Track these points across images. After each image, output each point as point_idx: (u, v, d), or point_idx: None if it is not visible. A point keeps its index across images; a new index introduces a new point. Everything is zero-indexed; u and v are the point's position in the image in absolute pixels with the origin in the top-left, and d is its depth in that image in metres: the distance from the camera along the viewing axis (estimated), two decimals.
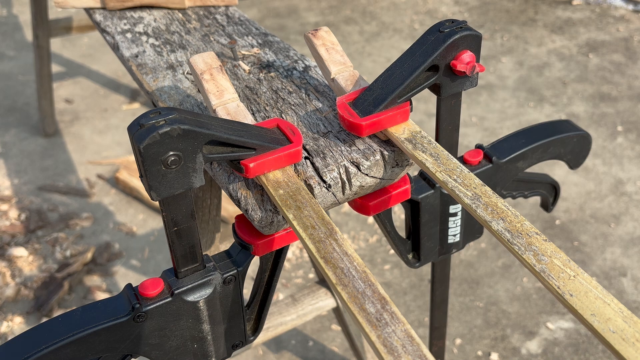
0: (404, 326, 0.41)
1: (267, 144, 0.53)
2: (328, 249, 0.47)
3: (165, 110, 0.47)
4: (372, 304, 0.43)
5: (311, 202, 0.51)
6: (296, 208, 0.51)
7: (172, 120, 0.46)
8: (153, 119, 0.46)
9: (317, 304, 1.10)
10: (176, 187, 0.49)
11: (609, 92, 2.32)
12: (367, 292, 0.43)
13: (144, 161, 0.46)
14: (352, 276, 0.45)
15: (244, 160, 0.52)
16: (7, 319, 1.50)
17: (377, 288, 0.44)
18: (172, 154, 0.46)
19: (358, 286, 0.44)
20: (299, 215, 0.50)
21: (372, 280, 0.44)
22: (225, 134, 0.49)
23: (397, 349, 0.40)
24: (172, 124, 0.46)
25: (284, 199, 0.51)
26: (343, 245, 0.47)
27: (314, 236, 0.48)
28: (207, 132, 0.48)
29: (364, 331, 0.41)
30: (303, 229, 0.49)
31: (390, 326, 0.41)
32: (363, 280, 0.44)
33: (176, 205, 0.50)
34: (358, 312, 0.42)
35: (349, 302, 0.43)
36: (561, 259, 0.43)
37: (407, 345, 0.40)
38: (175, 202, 0.50)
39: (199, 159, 0.48)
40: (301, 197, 0.52)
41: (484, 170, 0.73)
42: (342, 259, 0.46)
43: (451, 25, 0.58)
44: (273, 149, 0.53)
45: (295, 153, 0.54)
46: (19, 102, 2.41)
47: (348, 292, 0.44)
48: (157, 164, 0.46)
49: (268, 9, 3.11)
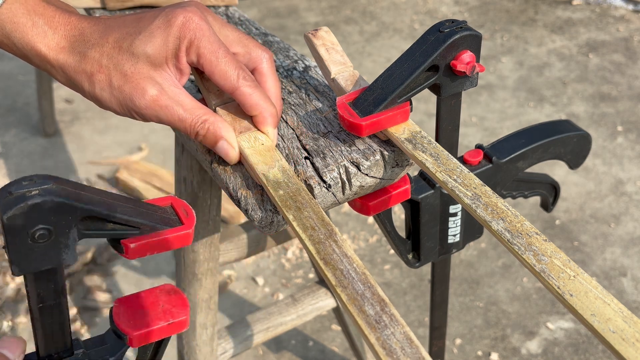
0: (403, 328, 0.41)
1: (154, 223, 0.47)
2: (328, 251, 0.47)
3: (41, 178, 0.42)
4: (371, 306, 0.43)
5: (311, 203, 0.51)
6: (296, 209, 0.50)
7: (46, 190, 0.41)
8: (25, 187, 0.41)
9: (317, 304, 1.10)
10: (43, 263, 0.43)
11: (609, 92, 2.32)
12: (367, 294, 0.43)
13: (7, 232, 0.40)
14: (352, 278, 0.45)
15: (125, 240, 0.47)
16: (7, 319, 1.50)
17: (376, 290, 0.44)
18: (42, 227, 0.41)
19: (358, 288, 0.44)
20: (299, 216, 0.50)
21: (371, 282, 0.44)
22: (106, 210, 0.44)
23: (396, 351, 0.40)
24: (44, 195, 0.40)
25: (284, 199, 0.51)
26: (343, 247, 0.47)
27: (313, 237, 0.48)
28: (85, 207, 0.42)
29: (363, 333, 0.41)
30: (303, 229, 0.49)
31: (390, 328, 0.41)
32: (362, 282, 0.44)
33: (43, 282, 0.44)
34: (357, 314, 0.42)
35: (349, 304, 0.43)
36: (561, 259, 0.43)
37: (406, 347, 0.40)
38: (43, 277, 0.44)
39: (73, 234, 0.43)
40: (301, 198, 0.51)
41: (484, 170, 0.73)
42: (342, 260, 0.46)
43: (451, 25, 0.57)
44: (159, 229, 0.47)
45: (185, 236, 0.48)
46: (19, 102, 2.41)
47: (347, 294, 0.44)
48: (22, 237, 0.41)
49: (268, 9, 3.11)
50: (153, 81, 0.52)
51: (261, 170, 0.53)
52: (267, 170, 0.53)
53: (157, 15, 0.53)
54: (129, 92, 0.52)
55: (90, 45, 0.52)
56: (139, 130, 2.22)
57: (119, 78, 0.52)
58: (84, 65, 0.52)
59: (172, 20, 0.52)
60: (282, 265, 1.65)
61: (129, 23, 0.53)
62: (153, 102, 0.52)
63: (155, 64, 0.52)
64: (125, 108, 0.53)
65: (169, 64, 0.53)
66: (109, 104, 0.53)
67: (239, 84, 0.53)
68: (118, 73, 0.52)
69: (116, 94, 0.52)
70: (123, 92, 0.52)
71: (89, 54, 0.52)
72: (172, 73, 0.53)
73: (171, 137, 2.16)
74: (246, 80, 0.54)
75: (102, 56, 0.52)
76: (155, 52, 0.52)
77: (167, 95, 0.53)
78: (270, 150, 0.55)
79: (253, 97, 0.54)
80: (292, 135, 0.59)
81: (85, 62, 0.52)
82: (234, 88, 0.54)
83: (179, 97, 0.53)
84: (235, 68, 0.53)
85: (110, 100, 0.53)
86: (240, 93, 0.54)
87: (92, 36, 0.53)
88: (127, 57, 0.52)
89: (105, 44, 0.52)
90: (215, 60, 0.53)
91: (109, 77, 0.52)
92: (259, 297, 1.56)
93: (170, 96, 0.53)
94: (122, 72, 0.52)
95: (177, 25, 0.52)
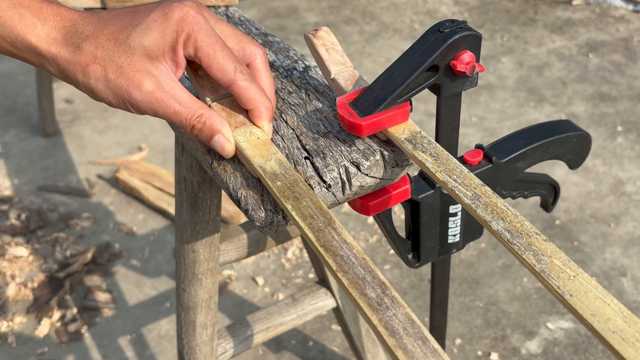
0: (405, 310, 0.42)
1: None
2: (327, 238, 0.47)
3: None
4: (372, 289, 0.43)
5: (309, 193, 0.51)
6: (294, 199, 0.51)
7: None
8: None
9: (317, 304, 1.10)
10: None
11: (609, 92, 2.32)
12: (367, 278, 0.44)
13: None
14: (352, 263, 0.45)
15: None
16: (7, 319, 1.50)
17: (377, 274, 0.44)
18: None
19: (358, 272, 0.45)
20: (298, 205, 0.50)
21: (371, 267, 0.45)
22: None
23: (399, 332, 0.40)
24: None
25: (282, 190, 0.51)
26: (342, 234, 0.48)
27: (313, 225, 0.48)
28: None
29: (365, 315, 0.42)
30: (302, 218, 0.49)
31: (391, 310, 0.42)
32: (363, 266, 0.45)
33: None
34: (359, 297, 0.43)
35: (350, 288, 0.44)
36: (561, 259, 0.43)
37: (409, 327, 0.40)
38: None
39: None
40: (299, 188, 0.52)
41: (484, 170, 0.73)
42: (342, 246, 0.47)
43: (451, 25, 0.58)
44: None
45: None
46: (19, 102, 2.41)
47: (349, 279, 0.44)
48: None
49: (268, 9, 3.11)
50: (149, 74, 0.52)
51: (258, 163, 0.53)
52: (264, 163, 0.54)
53: (154, 9, 0.53)
54: (125, 85, 0.52)
55: (84, 37, 0.52)
56: (139, 130, 2.22)
57: (115, 70, 0.51)
58: (77, 56, 0.52)
59: (170, 13, 0.52)
60: (282, 265, 1.65)
61: (123, 16, 0.53)
62: (149, 95, 0.52)
63: (152, 56, 0.52)
64: (120, 100, 0.53)
65: (166, 57, 0.53)
66: (104, 95, 0.53)
67: (236, 77, 0.53)
68: (114, 65, 0.52)
69: (112, 86, 0.52)
70: (119, 85, 0.52)
71: (82, 46, 0.52)
72: (169, 66, 0.53)
73: (171, 137, 2.16)
74: (243, 74, 0.54)
75: (97, 48, 0.52)
76: (153, 45, 0.52)
77: (163, 88, 0.53)
78: (266, 143, 0.56)
79: (250, 91, 0.54)
80: (292, 135, 0.59)
81: (79, 53, 0.52)
82: (231, 81, 0.54)
83: (175, 91, 0.53)
84: (232, 62, 0.53)
85: (106, 92, 0.52)
86: (237, 86, 0.54)
87: (85, 28, 0.52)
88: (123, 50, 0.52)
89: (99, 36, 0.52)
90: (212, 53, 0.53)
91: (104, 68, 0.52)
92: (259, 297, 1.56)
93: (166, 90, 0.53)
94: (118, 64, 0.52)
95: (175, 18, 0.52)
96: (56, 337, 1.46)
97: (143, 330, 1.48)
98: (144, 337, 1.47)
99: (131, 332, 1.48)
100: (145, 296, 1.57)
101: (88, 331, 1.48)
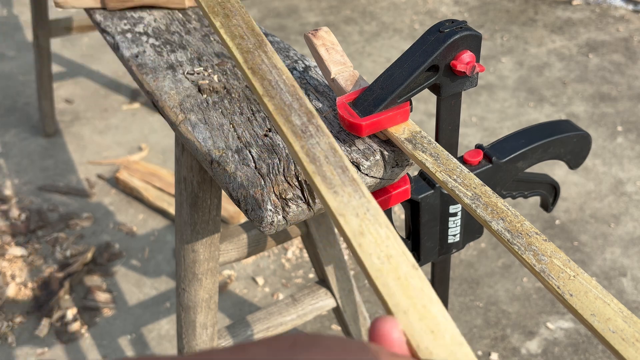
0: (328, 139, 0.41)
1: None
2: (256, 60, 0.45)
3: None
4: (298, 116, 0.43)
5: (241, 11, 0.49)
6: (224, 16, 0.48)
7: None
8: None
9: (317, 304, 1.10)
10: None
11: (609, 92, 2.32)
12: (294, 105, 0.43)
13: None
14: (280, 89, 0.44)
15: None
16: (7, 319, 1.50)
17: (304, 102, 0.43)
18: None
19: (285, 99, 0.43)
20: (227, 23, 0.48)
21: (299, 95, 0.44)
22: None
23: (320, 159, 0.40)
24: None
25: (212, 5, 0.48)
26: (272, 58, 0.46)
27: (242, 46, 0.46)
28: None
29: (287, 142, 0.41)
30: (231, 38, 0.47)
31: (315, 138, 0.41)
32: (291, 93, 0.44)
33: None
34: (283, 124, 0.42)
35: (275, 114, 0.42)
36: (561, 259, 0.43)
37: (330, 156, 0.40)
38: None
39: None
40: (230, 5, 0.49)
41: (484, 170, 0.73)
42: (271, 71, 0.45)
43: (451, 25, 0.58)
44: None
45: None
46: (19, 102, 2.41)
47: (275, 104, 0.43)
48: None
49: (268, 9, 3.11)
50: None
51: None
52: None
53: None
54: None
55: None
56: (139, 130, 2.22)
57: None
58: None
59: None
60: (282, 265, 1.65)
61: None
62: None
63: None
64: None
65: None
66: None
67: None
68: None
69: None
70: None
71: None
72: None
73: (171, 137, 2.16)
74: None
75: None
76: None
77: None
78: None
79: None
80: None
81: None
82: None
83: None
84: None
85: None
86: None
87: None
88: None
89: None
90: None
91: None
92: (259, 297, 1.56)
93: None
94: None
95: None
96: (56, 337, 1.46)
97: (143, 330, 1.48)
98: (144, 337, 1.47)
99: (131, 332, 1.48)
100: (145, 296, 1.57)
101: (88, 331, 1.48)
